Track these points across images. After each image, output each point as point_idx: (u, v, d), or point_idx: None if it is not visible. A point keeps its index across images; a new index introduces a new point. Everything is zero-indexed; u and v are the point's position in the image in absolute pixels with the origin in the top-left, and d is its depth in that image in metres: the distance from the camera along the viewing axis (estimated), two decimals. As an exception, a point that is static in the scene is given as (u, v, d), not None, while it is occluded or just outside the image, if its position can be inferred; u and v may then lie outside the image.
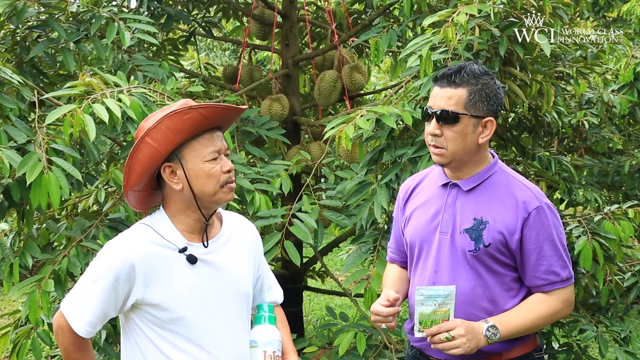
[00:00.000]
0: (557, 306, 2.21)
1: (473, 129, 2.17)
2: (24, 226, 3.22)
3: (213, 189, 1.95)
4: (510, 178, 2.25)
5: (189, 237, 1.99)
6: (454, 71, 2.18)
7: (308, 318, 6.67)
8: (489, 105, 2.18)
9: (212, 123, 1.97)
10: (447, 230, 2.23)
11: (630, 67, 4.33)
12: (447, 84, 2.18)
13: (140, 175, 1.94)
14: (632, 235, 3.54)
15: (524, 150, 4.16)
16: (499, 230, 2.16)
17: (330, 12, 4.62)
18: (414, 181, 2.45)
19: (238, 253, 2.09)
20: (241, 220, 2.20)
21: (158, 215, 2.01)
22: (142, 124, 1.98)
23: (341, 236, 4.67)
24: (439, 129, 2.17)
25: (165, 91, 3.27)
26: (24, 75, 3.35)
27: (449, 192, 2.27)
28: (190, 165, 1.94)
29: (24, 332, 3.24)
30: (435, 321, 2.12)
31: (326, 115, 5.12)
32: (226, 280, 2.02)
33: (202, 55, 10.83)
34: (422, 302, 2.12)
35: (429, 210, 2.30)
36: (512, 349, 2.24)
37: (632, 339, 3.66)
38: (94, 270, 1.94)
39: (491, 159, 2.27)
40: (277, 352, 2.03)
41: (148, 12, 4.48)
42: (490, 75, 2.21)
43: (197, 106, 1.92)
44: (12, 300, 7.26)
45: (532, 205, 2.17)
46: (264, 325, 2.08)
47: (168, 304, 1.92)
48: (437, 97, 2.19)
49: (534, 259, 2.18)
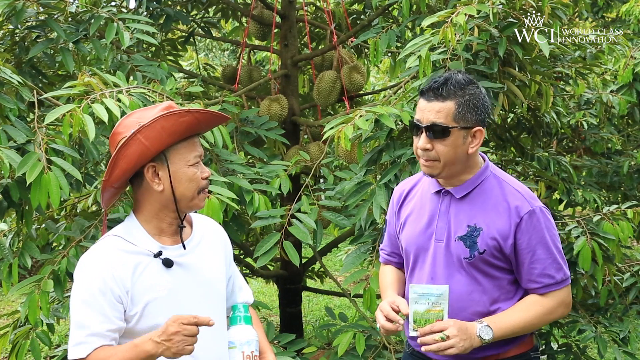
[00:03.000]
0: (552, 306, 2.21)
1: (463, 140, 2.18)
2: (23, 226, 3.22)
3: (192, 194, 1.98)
4: (502, 182, 2.25)
5: (162, 240, 2.00)
6: (440, 84, 2.17)
7: (307, 318, 6.67)
8: (477, 115, 2.19)
9: (203, 129, 2.01)
10: (442, 238, 2.25)
11: (629, 67, 4.33)
12: (434, 97, 2.17)
13: (123, 172, 1.94)
14: (630, 235, 3.54)
15: (523, 151, 4.16)
16: (493, 237, 2.18)
17: (329, 13, 4.62)
18: (408, 185, 2.46)
19: (210, 255, 2.11)
20: (210, 222, 2.22)
21: (127, 223, 2.01)
22: (123, 122, 1.98)
23: (340, 236, 4.67)
24: (429, 143, 2.17)
25: (165, 91, 3.27)
26: (23, 75, 3.35)
27: (442, 200, 2.28)
28: (175, 167, 1.95)
29: (23, 333, 3.24)
30: (429, 320, 2.13)
31: (325, 115, 5.12)
32: (201, 281, 2.03)
33: (201, 55, 10.83)
34: (416, 300, 2.13)
35: (423, 218, 2.31)
36: (507, 349, 2.24)
37: (630, 340, 3.66)
38: (77, 295, 1.92)
39: (482, 163, 2.28)
40: (255, 352, 2.03)
41: (147, 12, 4.48)
42: (475, 84, 2.22)
43: (195, 110, 1.93)
44: (11, 300, 7.26)
45: (524, 209, 2.18)
46: (240, 325, 2.08)
47: (148, 311, 1.93)
48: (425, 110, 2.19)
49: (527, 262, 2.19)
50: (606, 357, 3.68)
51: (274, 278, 4.99)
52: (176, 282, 1.98)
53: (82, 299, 1.90)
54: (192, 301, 1.99)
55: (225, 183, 3.14)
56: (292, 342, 3.48)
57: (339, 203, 3.47)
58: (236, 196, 3.15)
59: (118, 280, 1.90)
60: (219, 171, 3.34)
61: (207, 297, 2.05)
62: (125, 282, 1.91)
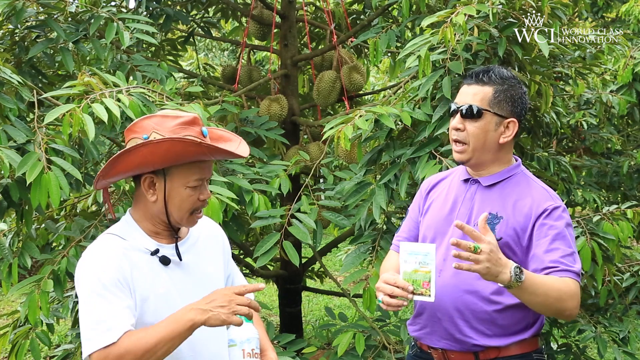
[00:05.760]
0: (568, 291, 2.10)
1: (495, 127, 2.22)
2: (23, 226, 3.22)
3: (182, 214, 1.95)
4: (530, 181, 2.29)
5: (158, 239, 2.00)
6: (482, 70, 2.26)
7: (307, 318, 6.67)
8: (514, 107, 2.23)
9: (214, 158, 1.97)
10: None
11: (628, 67, 4.34)
12: (474, 82, 2.25)
13: (119, 174, 1.94)
14: (630, 235, 3.54)
15: (522, 151, 4.16)
16: (513, 227, 2.19)
17: (329, 13, 4.62)
18: (438, 177, 2.50)
19: (208, 253, 2.10)
20: (207, 220, 2.21)
21: (124, 222, 2.01)
22: (141, 122, 1.93)
23: (340, 236, 4.67)
24: (461, 123, 2.23)
25: (164, 91, 3.28)
26: (22, 75, 3.35)
27: (469, 187, 2.32)
28: (172, 185, 1.93)
29: (22, 333, 3.24)
30: (417, 281, 2.08)
31: (325, 115, 5.12)
32: (199, 280, 2.03)
33: (201, 55, 10.82)
34: (405, 259, 2.08)
35: (447, 203, 2.34)
36: (509, 343, 2.23)
37: (630, 340, 3.67)
38: (89, 291, 1.87)
39: (514, 162, 2.32)
40: (255, 350, 2.02)
41: (147, 12, 4.48)
42: (517, 80, 2.27)
43: (206, 145, 1.88)
44: (11, 300, 7.26)
45: (548, 204, 2.20)
46: None
47: (145, 308, 1.92)
48: (464, 93, 2.26)
49: (546, 246, 2.14)
50: (606, 357, 3.68)
51: (274, 278, 4.99)
52: (173, 280, 1.98)
53: (96, 294, 1.85)
54: (190, 299, 1.98)
55: (225, 183, 3.14)
56: (292, 342, 3.48)
57: (339, 203, 3.48)
58: (236, 196, 3.15)
59: (121, 273, 1.89)
60: (219, 171, 3.34)
61: (205, 295, 2.04)
62: (126, 276, 1.91)
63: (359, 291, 3.22)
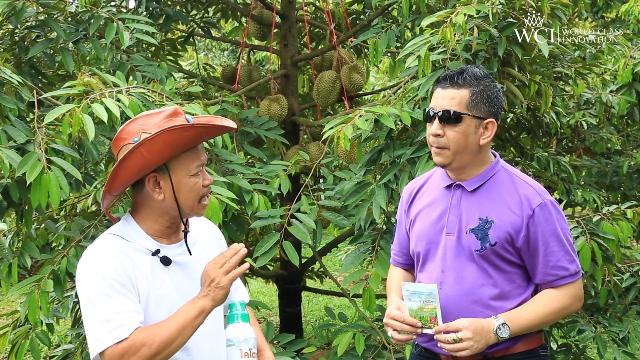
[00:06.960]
0: (567, 301, 2.22)
1: (475, 130, 2.20)
2: (23, 226, 3.22)
3: (192, 203, 1.98)
4: (512, 176, 2.27)
5: (159, 240, 2.01)
6: (456, 73, 2.22)
7: (307, 318, 6.67)
8: (490, 107, 2.21)
9: (206, 139, 2.00)
10: (453, 231, 2.25)
11: (628, 67, 4.33)
12: (449, 85, 2.21)
13: (124, 183, 1.95)
14: (630, 235, 3.54)
15: (522, 151, 4.17)
16: (505, 229, 2.19)
17: (328, 13, 4.62)
18: (417, 183, 2.47)
19: (206, 253, 2.11)
20: (204, 221, 2.23)
21: (124, 222, 2.01)
22: (126, 128, 1.95)
23: (340, 236, 4.67)
24: (441, 129, 2.20)
25: (164, 91, 3.27)
26: (22, 75, 3.35)
27: (453, 193, 2.29)
28: (177, 178, 1.95)
29: (22, 333, 3.24)
30: (424, 317, 2.16)
31: (325, 115, 5.12)
32: (199, 280, 2.03)
33: (201, 55, 10.83)
34: (409, 297, 2.17)
35: (434, 212, 2.32)
36: (515, 344, 2.25)
37: (630, 340, 3.67)
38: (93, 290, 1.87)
39: (493, 159, 2.30)
40: (253, 350, 2.03)
41: (147, 12, 4.49)
42: (490, 78, 2.25)
43: (198, 124, 1.91)
44: (10, 300, 7.26)
45: (536, 202, 2.20)
46: (238, 323, 2.08)
47: (148, 307, 1.92)
48: (440, 98, 2.22)
49: (541, 255, 2.20)
50: (606, 357, 3.68)
51: (274, 278, 4.99)
52: (174, 280, 1.99)
53: (101, 293, 1.85)
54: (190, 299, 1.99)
55: (224, 183, 3.14)
56: (291, 342, 3.48)
57: (339, 203, 3.48)
58: (236, 196, 3.15)
59: (125, 272, 1.90)
60: (219, 171, 3.34)
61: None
62: (130, 275, 1.91)
63: (359, 291, 3.22)
